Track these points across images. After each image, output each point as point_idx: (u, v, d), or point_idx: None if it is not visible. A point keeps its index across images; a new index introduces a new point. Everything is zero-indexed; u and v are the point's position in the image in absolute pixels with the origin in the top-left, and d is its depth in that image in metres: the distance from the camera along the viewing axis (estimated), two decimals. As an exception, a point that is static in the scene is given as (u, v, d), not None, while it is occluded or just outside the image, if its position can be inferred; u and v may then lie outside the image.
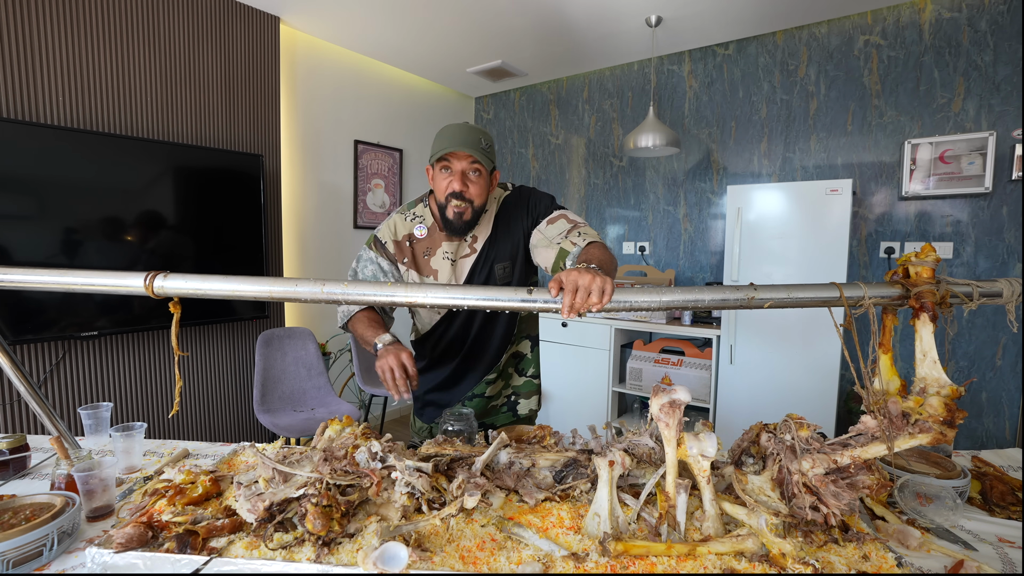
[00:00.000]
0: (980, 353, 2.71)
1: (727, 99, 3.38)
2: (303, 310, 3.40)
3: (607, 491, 0.86)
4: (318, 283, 0.88)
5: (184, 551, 0.76)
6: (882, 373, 0.88)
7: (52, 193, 2.19)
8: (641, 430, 1.01)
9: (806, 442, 0.86)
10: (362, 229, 3.73)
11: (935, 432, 0.78)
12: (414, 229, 1.33)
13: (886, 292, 0.85)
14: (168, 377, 2.69)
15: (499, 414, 1.50)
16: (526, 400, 1.51)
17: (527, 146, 4.34)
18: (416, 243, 1.33)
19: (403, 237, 1.33)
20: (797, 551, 0.77)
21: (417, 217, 1.34)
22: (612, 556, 0.76)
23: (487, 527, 0.85)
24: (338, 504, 0.82)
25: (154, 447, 1.28)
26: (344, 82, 3.57)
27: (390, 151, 3.89)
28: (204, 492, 0.93)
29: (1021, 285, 0.84)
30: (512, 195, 1.35)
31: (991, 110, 2.63)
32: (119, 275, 0.91)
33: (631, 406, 3.68)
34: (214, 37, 2.80)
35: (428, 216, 1.34)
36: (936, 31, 2.75)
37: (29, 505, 0.87)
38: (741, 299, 0.83)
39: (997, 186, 2.62)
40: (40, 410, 1.08)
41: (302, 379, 2.83)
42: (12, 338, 2.12)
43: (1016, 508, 0.95)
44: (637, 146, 2.95)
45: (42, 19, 2.23)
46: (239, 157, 2.80)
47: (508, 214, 1.33)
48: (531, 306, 0.87)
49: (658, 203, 3.71)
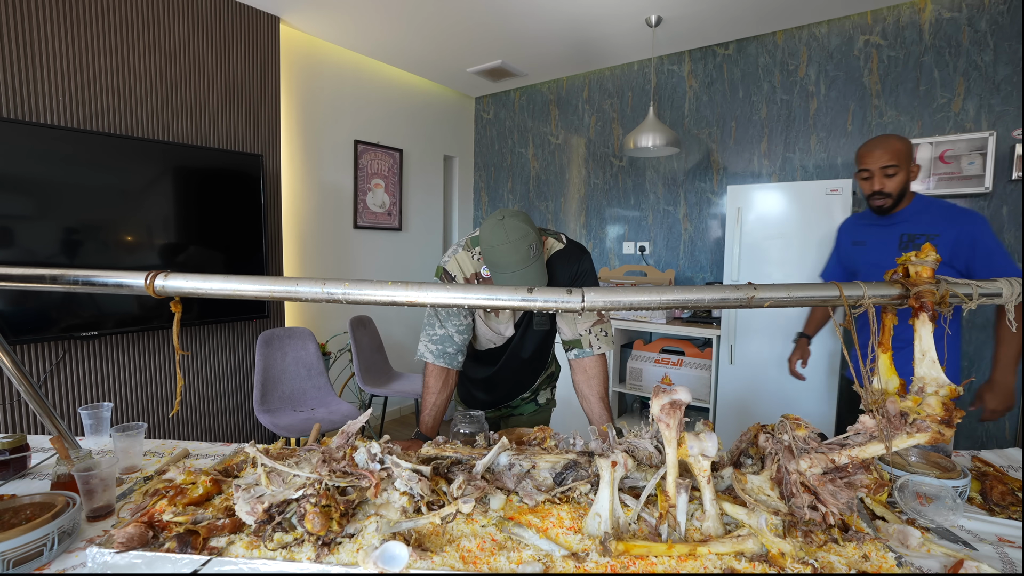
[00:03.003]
0: (980, 353, 2.71)
1: (727, 99, 3.38)
2: (303, 310, 3.40)
3: (608, 491, 0.86)
4: (319, 282, 0.88)
5: (185, 551, 0.76)
6: (881, 372, 0.88)
7: (52, 193, 2.19)
8: (642, 432, 1.01)
9: (804, 442, 0.86)
10: (362, 229, 3.73)
11: (933, 431, 0.78)
12: (481, 268, 1.37)
13: (886, 292, 0.85)
14: (168, 377, 2.69)
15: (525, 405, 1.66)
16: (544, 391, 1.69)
17: (527, 146, 4.34)
18: (483, 282, 1.38)
19: (471, 275, 1.37)
20: (797, 551, 0.77)
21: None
22: (613, 556, 0.76)
23: (487, 527, 0.85)
24: (337, 504, 0.82)
25: (154, 447, 1.28)
26: (344, 82, 3.57)
27: (390, 151, 3.89)
28: (204, 492, 0.93)
29: (1021, 285, 0.84)
30: (565, 251, 1.39)
31: (991, 110, 2.63)
32: (120, 274, 0.91)
33: (631, 406, 3.68)
34: (214, 37, 2.80)
35: None
36: (936, 31, 2.75)
37: (29, 505, 0.87)
38: (741, 299, 0.83)
39: (997, 186, 2.62)
40: (40, 410, 1.08)
41: (302, 379, 2.83)
42: (12, 338, 2.12)
43: (1016, 508, 0.95)
44: (637, 146, 2.95)
45: (42, 19, 2.24)
46: (239, 157, 2.80)
47: (558, 265, 1.38)
48: (531, 305, 0.87)
49: (658, 203, 3.71)
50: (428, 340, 1.39)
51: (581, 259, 1.40)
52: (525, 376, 1.59)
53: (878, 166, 1.61)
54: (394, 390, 3.04)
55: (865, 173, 1.65)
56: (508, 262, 1.18)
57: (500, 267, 1.19)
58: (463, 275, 1.37)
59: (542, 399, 1.69)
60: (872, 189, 1.65)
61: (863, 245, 1.77)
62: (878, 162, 1.61)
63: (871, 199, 1.67)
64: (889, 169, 1.60)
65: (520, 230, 1.17)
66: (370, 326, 3.34)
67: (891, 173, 1.61)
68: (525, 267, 1.18)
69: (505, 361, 1.49)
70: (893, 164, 1.60)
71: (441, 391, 1.38)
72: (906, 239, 1.66)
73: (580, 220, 4.09)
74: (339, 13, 3.02)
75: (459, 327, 1.37)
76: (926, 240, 1.71)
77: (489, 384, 1.57)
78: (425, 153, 4.21)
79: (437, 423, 1.38)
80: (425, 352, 1.39)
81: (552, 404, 1.72)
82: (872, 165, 1.62)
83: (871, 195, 1.66)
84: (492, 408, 1.62)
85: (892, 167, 1.60)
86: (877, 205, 1.67)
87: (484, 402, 1.61)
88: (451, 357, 1.37)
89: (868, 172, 1.64)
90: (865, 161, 1.64)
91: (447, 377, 1.39)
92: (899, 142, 1.62)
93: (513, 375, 1.55)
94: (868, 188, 1.66)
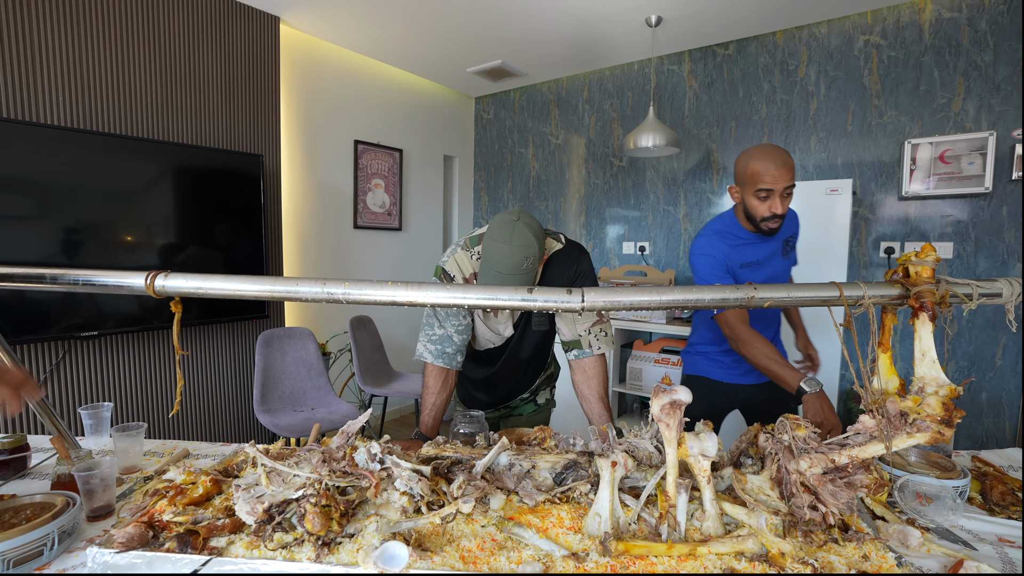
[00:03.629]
0: (980, 353, 2.71)
1: (727, 99, 3.38)
2: (303, 310, 3.40)
3: (608, 491, 0.86)
4: (319, 282, 0.88)
5: (185, 551, 0.76)
6: (881, 372, 0.88)
7: (52, 193, 2.19)
8: (642, 432, 1.01)
9: (804, 442, 0.86)
10: (362, 229, 3.73)
11: (933, 431, 0.78)
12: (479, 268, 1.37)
13: (886, 292, 0.85)
14: (168, 377, 2.69)
15: (524, 405, 1.67)
16: (543, 392, 1.69)
17: (527, 146, 4.34)
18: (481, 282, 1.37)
19: (470, 275, 1.37)
20: (797, 551, 0.77)
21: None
22: (613, 556, 0.76)
23: (487, 527, 0.85)
24: (337, 504, 0.82)
25: (154, 447, 1.28)
26: (344, 82, 3.57)
27: (390, 151, 3.89)
28: (204, 492, 0.93)
29: (1021, 285, 0.84)
30: (564, 251, 1.38)
31: (991, 110, 2.63)
32: (121, 274, 0.91)
33: (631, 406, 3.68)
34: (214, 37, 2.80)
35: None
36: (936, 31, 2.75)
37: (29, 505, 0.87)
38: (741, 299, 0.83)
39: (997, 186, 2.62)
40: (40, 410, 1.08)
41: (302, 379, 2.83)
42: (12, 338, 2.12)
43: (1016, 508, 0.95)
44: (637, 146, 2.96)
45: (42, 19, 2.23)
46: (239, 157, 2.80)
47: (556, 266, 1.38)
48: (531, 305, 0.87)
49: (658, 203, 3.71)
50: (427, 340, 1.39)
51: (580, 259, 1.40)
52: (524, 376, 1.58)
53: (782, 187, 1.42)
54: (394, 390, 3.04)
55: (763, 193, 1.43)
56: (499, 261, 1.17)
57: (490, 262, 1.18)
58: (462, 275, 1.37)
59: (541, 399, 1.69)
60: (770, 211, 1.44)
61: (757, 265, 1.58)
62: (782, 182, 1.41)
63: (765, 221, 1.47)
64: (789, 189, 1.44)
65: (525, 239, 1.16)
66: (370, 326, 3.34)
67: (789, 193, 1.44)
68: (513, 274, 1.17)
69: (504, 361, 1.49)
70: (792, 185, 1.44)
71: (441, 391, 1.38)
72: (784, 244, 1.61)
73: (580, 220, 4.09)
74: (339, 13, 3.02)
75: (458, 327, 1.37)
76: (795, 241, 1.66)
77: (488, 384, 1.57)
78: (425, 153, 4.21)
79: (437, 423, 1.38)
80: (424, 352, 1.39)
81: (552, 404, 1.72)
82: (776, 185, 1.41)
83: (768, 218, 1.45)
84: (491, 408, 1.62)
85: (791, 188, 1.44)
86: (771, 228, 1.48)
87: (483, 402, 1.61)
88: (450, 357, 1.37)
89: (767, 192, 1.43)
90: (765, 180, 1.42)
91: (447, 377, 1.39)
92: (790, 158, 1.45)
93: (512, 375, 1.55)
94: (764, 210, 1.45)
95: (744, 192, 1.49)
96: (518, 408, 1.65)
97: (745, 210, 1.51)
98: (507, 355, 1.48)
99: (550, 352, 1.62)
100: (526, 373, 1.58)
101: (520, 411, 1.65)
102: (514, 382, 1.59)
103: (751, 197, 1.47)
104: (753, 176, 1.44)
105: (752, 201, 1.47)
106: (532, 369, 1.58)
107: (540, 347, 1.51)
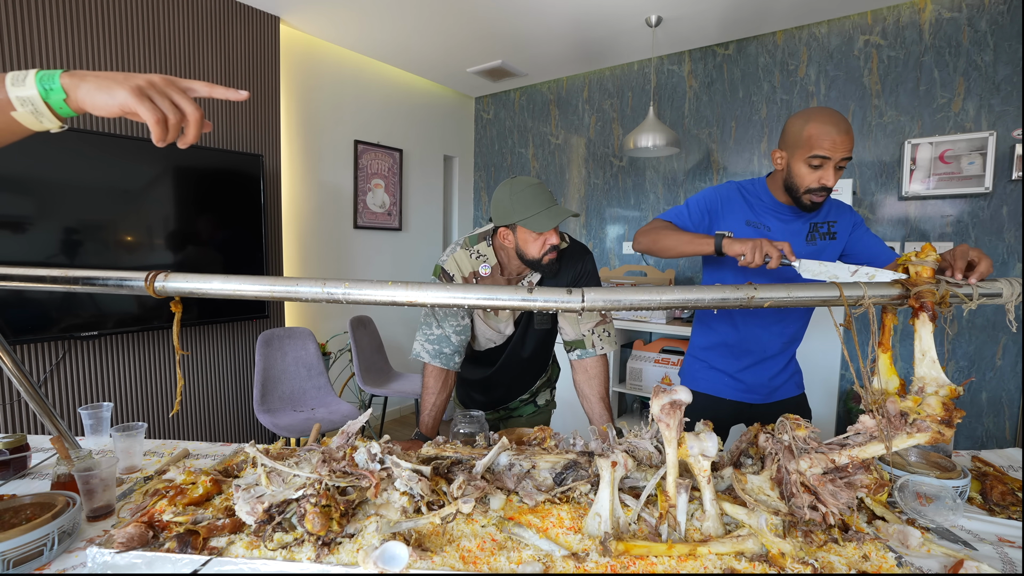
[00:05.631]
0: (980, 353, 2.71)
1: (727, 99, 3.38)
2: (303, 310, 3.40)
3: (608, 491, 0.86)
4: (319, 282, 0.88)
5: (185, 551, 0.76)
6: (881, 372, 0.88)
7: (52, 193, 2.19)
8: (642, 432, 1.01)
9: (804, 442, 0.86)
10: (362, 229, 3.73)
11: (933, 431, 0.78)
12: (479, 267, 1.38)
13: (886, 292, 0.85)
14: (168, 377, 2.69)
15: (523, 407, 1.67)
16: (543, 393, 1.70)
17: (527, 146, 4.34)
18: (480, 280, 1.38)
19: (469, 274, 1.38)
20: (797, 551, 0.77)
21: (481, 256, 1.38)
22: (613, 556, 0.76)
23: (487, 527, 0.85)
24: (337, 504, 0.82)
25: (154, 447, 1.28)
26: (344, 82, 3.57)
27: (390, 151, 3.89)
28: (205, 492, 0.93)
29: (1021, 285, 0.84)
30: (568, 250, 1.40)
31: (991, 110, 2.63)
32: (120, 274, 0.91)
33: (631, 406, 3.68)
34: (214, 37, 2.80)
35: (492, 256, 1.38)
36: (936, 31, 2.75)
37: (29, 505, 0.87)
38: (741, 299, 0.83)
39: (997, 186, 2.62)
40: (40, 410, 1.08)
41: (302, 379, 2.83)
42: (12, 338, 2.12)
43: (1016, 508, 0.95)
44: (637, 146, 2.95)
45: (42, 19, 2.23)
46: (239, 157, 2.80)
47: (561, 264, 1.39)
48: (531, 305, 0.87)
49: (658, 203, 3.71)
50: (424, 340, 1.38)
51: (584, 259, 1.40)
52: (524, 377, 1.58)
53: (840, 156, 1.23)
54: (394, 390, 3.04)
55: (817, 160, 1.24)
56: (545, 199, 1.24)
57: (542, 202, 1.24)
58: (461, 274, 1.37)
59: (541, 400, 1.68)
60: (820, 182, 1.26)
61: (762, 229, 1.39)
62: (840, 151, 1.22)
63: (810, 193, 1.28)
64: (845, 162, 1.25)
65: (533, 179, 1.27)
66: (370, 326, 3.34)
67: (842, 167, 1.26)
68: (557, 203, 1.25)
69: (504, 361, 1.49)
70: (849, 157, 1.25)
71: (440, 391, 1.38)
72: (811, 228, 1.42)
73: (580, 220, 4.09)
74: (339, 13, 3.02)
75: (456, 327, 1.36)
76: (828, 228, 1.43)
77: (486, 385, 1.56)
78: (425, 153, 4.21)
79: (437, 423, 1.37)
80: (421, 351, 1.39)
81: (552, 406, 1.71)
82: (833, 154, 1.22)
83: (816, 189, 1.27)
84: (490, 410, 1.62)
85: (847, 160, 1.26)
86: (815, 202, 1.29)
87: (481, 403, 1.61)
88: (447, 358, 1.37)
89: (821, 160, 1.24)
90: (823, 146, 1.22)
91: (446, 377, 1.38)
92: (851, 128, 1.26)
93: (512, 376, 1.55)
94: (813, 180, 1.26)
95: (792, 156, 1.28)
96: (518, 409, 1.65)
97: (787, 179, 1.32)
98: (508, 354, 1.47)
99: (551, 352, 1.62)
100: (526, 373, 1.57)
101: (520, 412, 1.65)
102: (513, 382, 1.58)
103: (800, 163, 1.27)
104: (809, 140, 1.23)
105: (801, 168, 1.27)
106: (532, 369, 1.57)
107: (541, 346, 1.51)
